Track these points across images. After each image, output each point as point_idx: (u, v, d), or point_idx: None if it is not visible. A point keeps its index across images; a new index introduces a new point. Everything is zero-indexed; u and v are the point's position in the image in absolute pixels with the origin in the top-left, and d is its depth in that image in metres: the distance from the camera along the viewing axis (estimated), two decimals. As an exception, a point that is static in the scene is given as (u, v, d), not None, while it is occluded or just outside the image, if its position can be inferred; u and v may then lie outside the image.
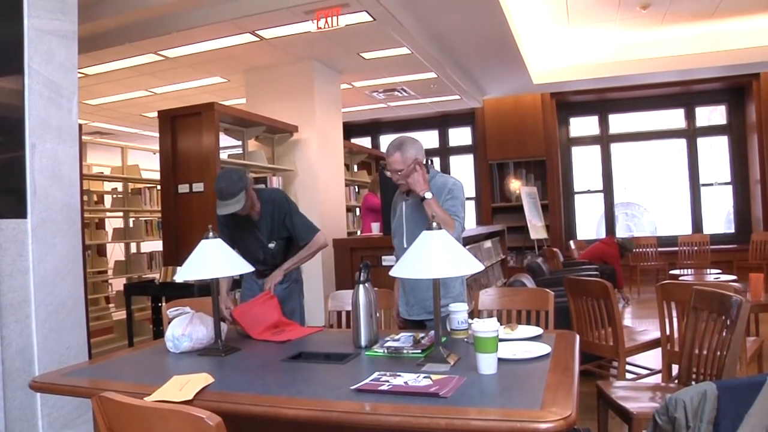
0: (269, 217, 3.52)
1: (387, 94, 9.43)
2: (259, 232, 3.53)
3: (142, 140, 11.27)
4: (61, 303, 3.61)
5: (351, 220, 8.71)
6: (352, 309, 2.56)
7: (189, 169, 5.64)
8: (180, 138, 5.71)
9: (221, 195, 3.23)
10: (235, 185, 3.24)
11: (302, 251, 3.58)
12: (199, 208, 5.52)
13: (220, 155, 5.66)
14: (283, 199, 3.58)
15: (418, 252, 2.15)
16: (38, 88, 3.54)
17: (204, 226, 2.68)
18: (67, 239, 3.68)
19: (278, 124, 6.79)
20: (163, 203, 5.80)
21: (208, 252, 2.55)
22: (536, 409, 1.65)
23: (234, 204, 3.24)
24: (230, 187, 3.23)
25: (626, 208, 11.00)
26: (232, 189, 3.23)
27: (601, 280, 3.78)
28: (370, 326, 2.52)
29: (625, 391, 2.92)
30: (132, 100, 8.85)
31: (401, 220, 3.09)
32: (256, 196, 3.46)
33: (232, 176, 3.28)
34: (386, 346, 2.40)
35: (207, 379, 2.02)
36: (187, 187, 5.63)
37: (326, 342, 2.69)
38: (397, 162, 2.92)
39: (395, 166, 2.93)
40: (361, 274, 2.58)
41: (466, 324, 2.58)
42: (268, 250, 3.56)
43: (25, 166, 3.47)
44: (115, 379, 2.18)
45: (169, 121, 5.74)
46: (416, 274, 2.14)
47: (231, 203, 3.23)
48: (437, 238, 2.14)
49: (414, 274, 2.14)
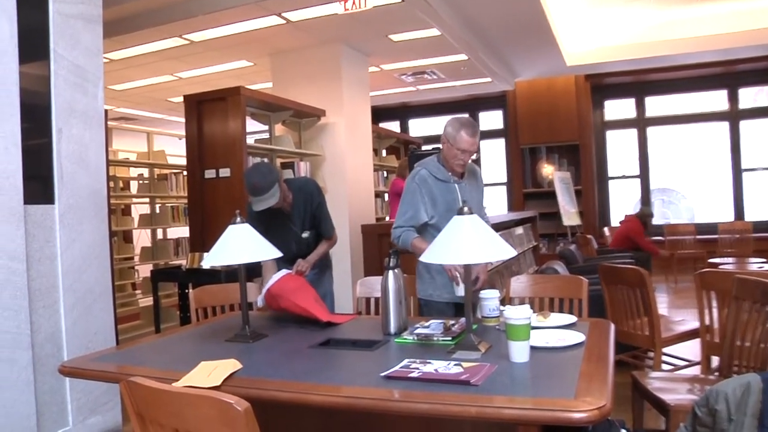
0: (301, 207, 3.53)
1: (416, 77, 9.39)
2: (293, 224, 3.55)
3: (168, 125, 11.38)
4: (89, 289, 3.68)
5: (379, 205, 8.72)
6: (381, 295, 2.57)
7: (215, 154, 5.68)
8: (206, 123, 5.75)
9: (255, 190, 3.22)
10: (266, 178, 3.23)
11: (324, 245, 3.66)
12: (226, 193, 5.57)
13: (246, 140, 5.68)
14: (315, 189, 3.60)
15: (449, 237, 2.15)
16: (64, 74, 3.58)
17: (231, 212, 2.70)
18: (94, 225, 3.74)
19: (305, 108, 6.80)
20: (189, 189, 5.86)
21: (235, 237, 2.57)
22: (570, 398, 1.64)
23: (269, 198, 3.24)
24: (263, 181, 3.22)
25: (663, 194, 10.82)
26: (265, 183, 3.23)
27: (637, 268, 3.73)
28: (399, 313, 2.53)
29: (662, 383, 2.88)
30: (157, 84, 8.93)
31: (456, 205, 3.07)
32: (287, 187, 3.47)
33: (262, 170, 3.29)
34: (416, 333, 2.40)
35: (235, 365, 2.04)
36: (213, 173, 5.67)
37: (355, 328, 2.70)
38: (476, 144, 3.04)
39: (473, 149, 3.03)
40: (391, 260, 2.59)
41: (498, 311, 2.58)
42: (303, 240, 3.58)
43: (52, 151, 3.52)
44: (143, 365, 2.22)
45: (194, 105, 5.78)
46: (448, 259, 2.14)
47: (266, 198, 3.23)
48: (469, 223, 2.15)
49: (446, 259, 2.14)
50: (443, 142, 3.11)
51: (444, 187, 3.16)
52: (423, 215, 3.14)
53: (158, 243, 7.73)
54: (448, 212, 3.07)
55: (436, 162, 3.20)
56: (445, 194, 3.16)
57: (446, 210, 3.11)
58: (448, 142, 3.07)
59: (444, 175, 3.17)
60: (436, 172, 3.17)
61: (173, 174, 7.87)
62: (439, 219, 3.12)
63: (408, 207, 3.17)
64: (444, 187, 3.16)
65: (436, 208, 3.14)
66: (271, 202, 3.25)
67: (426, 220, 3.15)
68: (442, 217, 3.10)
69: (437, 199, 3.14)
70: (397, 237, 3.17)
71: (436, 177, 3.16)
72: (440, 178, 3.16)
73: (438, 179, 3.15)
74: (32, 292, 3.34)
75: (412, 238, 3.11)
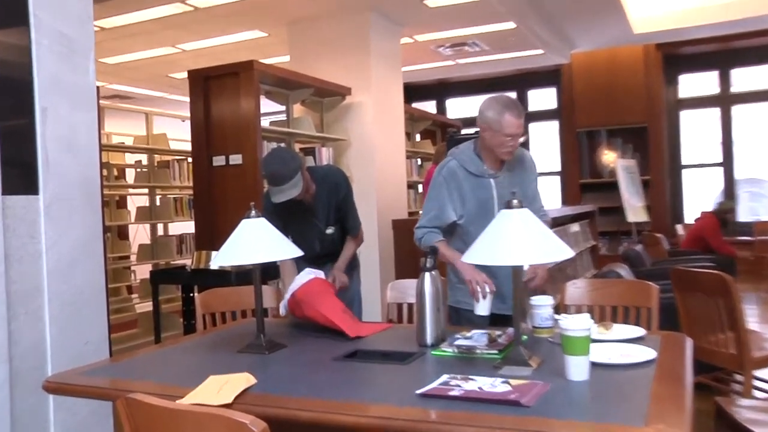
0: (326, 199, 3.55)
1: (455, 49, 9.36)
2: (316, 218, 3.57)
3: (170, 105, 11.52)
4: (78, 292, 3.72)
5: (413, 197, 8.72)
6: (417, 301, 2.58)
7: (225, 138, 5.73)
8: (214, 102, 5.80)
9: (275, 180, 3.24)
10: (288, 166, 3.24)
11: (351, 245, 3.69)
12: (238, 183, 5.61)
13: (261, 122, 5.72)
14: (342, 179, 3.62)
15: (495, 235, 2.14)
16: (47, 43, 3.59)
17: (243, 204, 2.73)
18: (85, 219, 3.77)
19: (328, 85, 6.82)
20: (194, 178, 5.92)
21: (249, 234, 2.59)
22: (639, 426, 1.62)
23: (291, 188, 3.25)
24: (284, 169, 3.23)
25: (751, 186, 10.62)
26: (286, 171, 3.23)
27: (719, 273, 3.67)
28: (437, 321, 2.54)
29: (754, 413, 2.82)
30: (157, 58, 9.04)
31: (490, 204, 3.07)
32: (310, 176, 3.48)
33: (283, 156, 3.31)
34: (456, 345, 2.40)
35: (248, 380, 2.06)
36: (222, 160, 5.72)
37: (386, 339, 2.71)
38: (522, 126, 3.01)
39: (521, 131, 3.00)
40: (427, 261, 2.59)
41: (552, 320, 2.57)
42: (327, 237, 3.61)
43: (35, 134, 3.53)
44: (142, 379, 2.25)
45: (201, 82, 5.83)
46: (494, 260, 2.13)
47: (287, 188, 3.24)
48: (518, 219, 2.14)
49: (491, 260, 2.14)
50: (483, 130, 3.04)
51: (476, 182, 3.12)
52: (450, 214, 3.12)
53: (158, 240, 7.83)
54: (479, 212, 3.06)
55: (470, 152, 3.15)
56: (477, 191, 3.12)
57: (477, 209, 3.08)
58: (491, 128, 3.00)
59: (478, 168, 3.12)
60: (469, 164, 3.12)
61: (176, 161, 7.95)
62: (469, 219, 3.10)
63: (432, 204, 3.16)
64: (476, 183, 3.12)
65: (465, 207, 3.11)
66: (293, 193, 3.27)
67: (454, 220, 3.13)
68: (472, 218, 3.08)
69: (467, 196, 3.11)
70: (419, 238, 3.18)
71: (468, 170, 3.12)
72: (472, 171, 3.12)
73: (470, 173, 3.12)
74: (11, 297, 3.37)
75: (435, 240, 3.11)
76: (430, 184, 3.23)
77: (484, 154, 3.13)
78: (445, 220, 3.13)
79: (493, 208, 3.05)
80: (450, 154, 3.22)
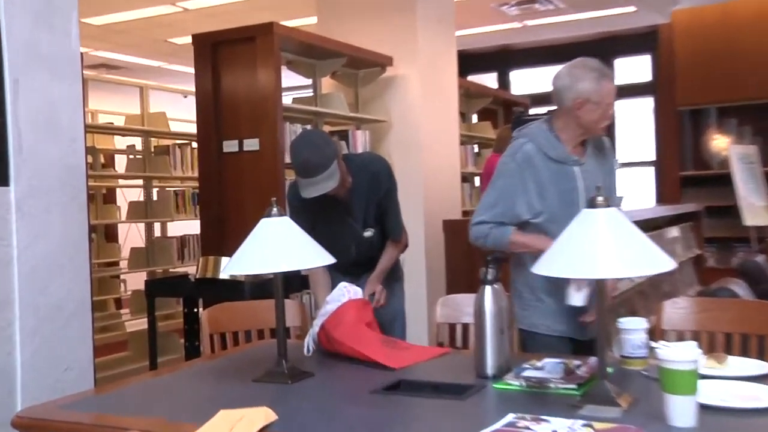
0: (364, 194, 3.57)
1: (523, 8, 9.33)
2: (351, 218, 3.60)
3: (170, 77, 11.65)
4: (57, 305, 3.76)
5: (468, 193, 8.71)
6: (475, 321, 2.59)
7: (238, 118, 5.76)
8: (225, 75, 5.84)
9: (307, 170, 3.25)
10: (323, 152, 3.26)
11: (391, 251, 3.72)
12: (254, 173, 5.63)
13: (282, 99, 5.75)
14: (384, 170, 3.64)
15: (575, 240, 2.13)
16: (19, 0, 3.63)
17: (261, 200, 2.75)
18: (67, 216, 3.82)
19: (364, 54, 6.83)
20: (200, 167, 5.96)
21: (270, 236, 2.61)
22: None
23: (326, 180, 3.26)
24: (318, 157, 3.24)
25: None
26: (321, 159, 3.24)
27: None
28: (500, 346, 2.54)
29: None
30: (153, 18, 9.14)
31: (574, 198, 3.07)
32: (346, 166, 3.49)
33: (315, 140, 3.33)
34: (524, 377, 2.40)
35: (267, 416, 2.07)
36: (235, 145, 5.75)
37: (436, 367, 2.71)
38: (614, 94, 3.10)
39: (613, 99, 3.09)
40: (488, 272, 2.58)
41: (646, 349, 2.55)
42: (364, 241, 3.63)
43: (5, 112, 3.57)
44: (134, 414, 2.27)
45: (208, 50, 5.87)
46: (572, 271, 2.12)
47: (322, 180, 3.25)
48: (604, 220, 2.13)
49: (569, 271, 2.12)
50: (579, 105, 3.05)
51: (558, 170, 3.12)
52: (521, 211, 3.11)
53: (155, 243, 7.91)
54: (562, 208, 3.04)
55: (547, 133, 3.16)
56: (559, 181, 3.12)
57: (560, 205, 3.08)
58: (591, 101, 3.02)
59: (560, 153, 3.12)
60: (548, 147, 3.12)
61: (177, 146, 8.03)
62: (549, 217, 3.09)
63: (499, 197, 3.14)
64: (558, 171, 3.12)
65: (546, 202, 3.10)
66: (329, 186, 3.28)
67: (526, 219, 3.12)
68: (552, 216, 3.07)
69: (547, 188, 3.11)
70: (482, 236, 3.13)
71: (549, 156, 3.11)
72: (554, 156, 3.11)
73: (551, 159, 3.11)
74: (-26, 311, 3.42)
75: (509, 234, 3.09)
76: (496, 172, 3.20)
77: (564, 136, 3.13)
78: (513, 219, 3.12)
79: (579, 202, 3.03)
80: (523, 136, 3.20)
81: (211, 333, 3.33)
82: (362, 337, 2.87)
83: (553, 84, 3.13)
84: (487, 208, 3.16)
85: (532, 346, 3.18)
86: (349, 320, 2.92)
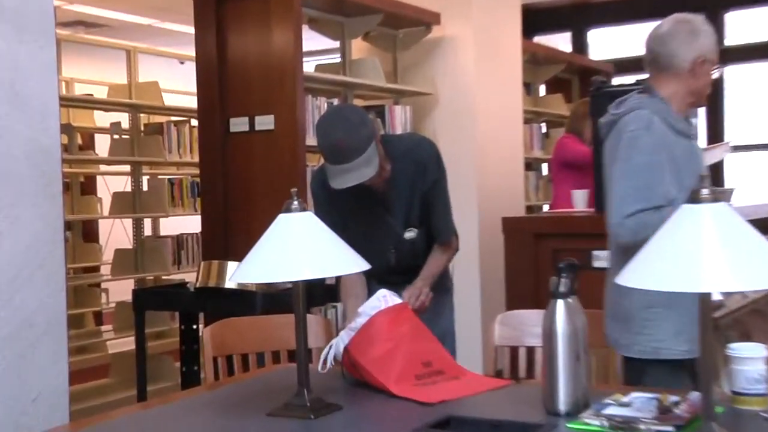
0: (406, 186, 3.57)
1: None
2: (390, 214, 3.61)
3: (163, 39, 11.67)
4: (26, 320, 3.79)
5: (533, 183, 8.71)
6: (543, 343, 2.56)
7: (248, 90, 5.78)
8: (232, 36, 5.86)
9: (339, 154, 3.25)
10: (358, 133, 3.25)
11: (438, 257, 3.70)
12: (268, 158, 5.62)
13: (303, 67, 5.76)
14: (432, 156, 3.63)
15: (674, 243, 2.11)
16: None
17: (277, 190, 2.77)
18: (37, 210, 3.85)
19: (405, 10, 6.83)
20: (202, 151, 6.01)
21: (289, 235, 2.60)
22: None
23: (362, 168, 3.25)
24: (352, 138, 3.24)
25: None
26: (356, 140, 3.24)
27: None
28: (576, 376, 2.51)
29: None
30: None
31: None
32: (384, 151, 3.49)
33: (349, 117, 3.32)
34: (607, 415, 2.38)
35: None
36: (245, 123, 5.77)
37: (494, 400, 2.71)
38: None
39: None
40: (560, 282, 2.55)
41: (766, 384, 2.52)
42: (405, 243, 3.64)
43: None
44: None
45: (212, 4, 5.90)
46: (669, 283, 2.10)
47: (356, 167, 3.24)
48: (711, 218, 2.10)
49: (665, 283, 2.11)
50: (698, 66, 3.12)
51: (687, 147, 3.19)
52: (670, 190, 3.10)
53: (145, 243, 7.94)
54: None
55: (659, 102, 3.20)
56: (690, 159, 3.18)
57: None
58: (709, 60, 3.12)
59: (684, 126, 3.19)
60: (672, 119, 3.17)
61: (173, 124, 8.05)
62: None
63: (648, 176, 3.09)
64: (688, 148, 3.19)
65: (682, 183, 3.11)
66: (365, 174, 3.27)
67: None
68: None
69: (682, 167, 3.15)
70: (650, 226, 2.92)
71: (676, 128, 3.17)
72: (681, 129, 3.17)
73: (678, 133, 3.16)
74: None
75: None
76: (627, 148, 3.15)
77: (674, 107, 3.20)
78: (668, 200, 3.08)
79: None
80: (636, 105, 3.20)
81: (215, 355, 3.33)
82: (391, 364, 2.83)
83: (657, 44, 3.17)
84: (640, 192, 3.10)
85: (650, 375, 3.17)
86: (378, 339, 2.89)
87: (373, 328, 2.93)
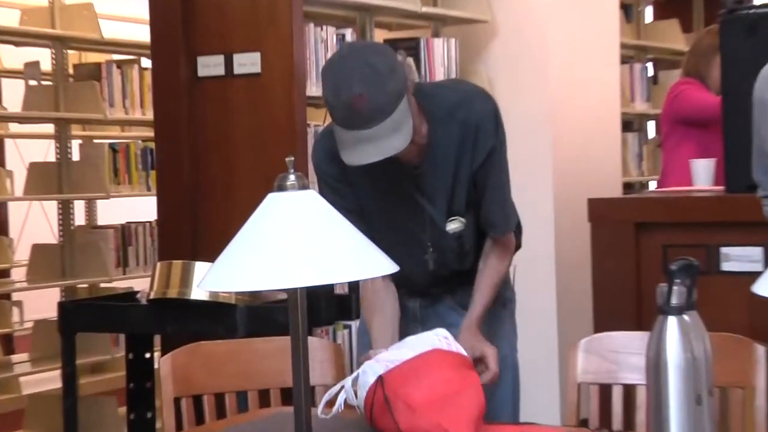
0: (451, 156, 3.55)
1: None
2: (426, 198, 3.61)
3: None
4: None
5: (634, 150, 8.75)
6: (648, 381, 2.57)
7: (223, 18, 5.84)
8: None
9: (356, 116, 3.17)
10: (383, 85, 3.17)
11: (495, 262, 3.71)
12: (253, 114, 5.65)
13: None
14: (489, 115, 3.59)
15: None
16: None
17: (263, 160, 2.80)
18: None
19: None
20: (157, 104, 6.07)
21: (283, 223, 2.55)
22: None
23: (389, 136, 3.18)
24: (376, 94, 3.15)
25: None
26: (382, 96, 3.16)
27: None
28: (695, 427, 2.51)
29: None
30: None
31: None
32: (417, 107, 3.46)
33: (371, 62, 3.23)
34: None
35: None
36: (219, 64, 5.80)
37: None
38: None
39: None
40: (673, 290, 2.58)
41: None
42: (447, 238, 3.65)
43: None
44: None
45: None
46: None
47: (381, 133, 3.17)
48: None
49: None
50: None
51: None
52: None
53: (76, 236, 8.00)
54: None
55: None
56: None
57: None
58: None
59: None
60: None
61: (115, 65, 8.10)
62: None
63: None
64: None
65: None
66: (393, 147, 3.20)
67: None
68: None
69: None
70: None
71: None
72: None
73: None
74: None
75: None
76: None
77: None
78: None
79: None
80: None
81: (177, 395, 3.36)
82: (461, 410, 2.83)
83: None
84: None
85: None
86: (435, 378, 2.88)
87: (428, 365, 2.91)
